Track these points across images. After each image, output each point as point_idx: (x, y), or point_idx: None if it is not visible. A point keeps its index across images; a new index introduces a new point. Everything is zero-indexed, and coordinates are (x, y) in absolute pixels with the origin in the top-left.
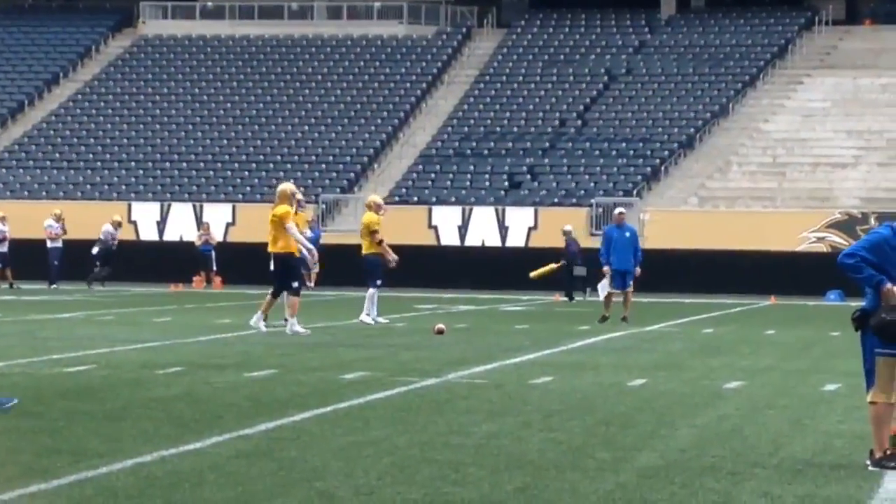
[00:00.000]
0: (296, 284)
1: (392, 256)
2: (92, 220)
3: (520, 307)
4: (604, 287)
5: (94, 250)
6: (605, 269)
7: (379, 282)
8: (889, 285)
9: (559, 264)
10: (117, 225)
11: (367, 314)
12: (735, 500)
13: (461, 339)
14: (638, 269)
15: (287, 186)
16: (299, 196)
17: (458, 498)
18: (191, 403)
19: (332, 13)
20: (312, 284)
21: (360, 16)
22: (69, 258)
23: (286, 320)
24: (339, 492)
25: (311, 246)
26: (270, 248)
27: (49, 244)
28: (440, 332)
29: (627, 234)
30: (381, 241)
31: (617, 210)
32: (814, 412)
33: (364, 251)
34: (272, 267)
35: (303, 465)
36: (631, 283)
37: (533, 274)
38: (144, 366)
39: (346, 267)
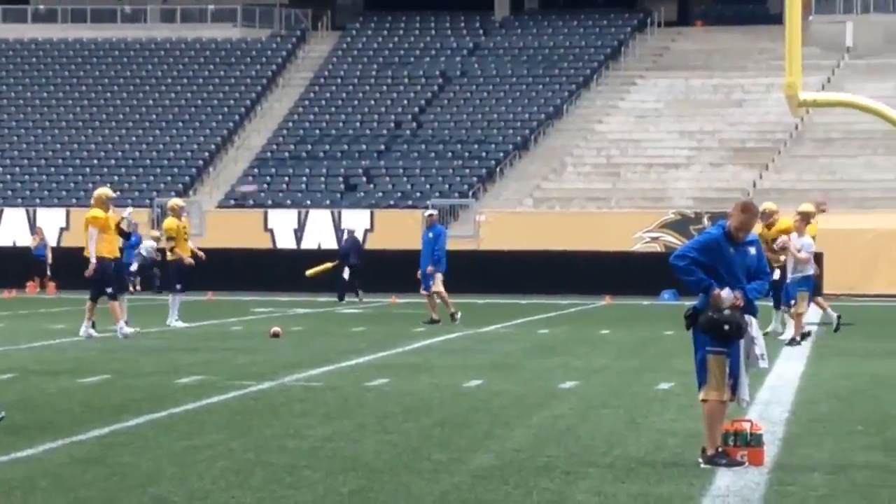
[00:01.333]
0: (110, 290)
1: (187, 260)
2: None
3: (356, 310)
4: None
5: (133, 267)
6: (419, 273)
7: (179, 286)
8: (717, 290)
9: (334, 264)
10: (157, 239)
11: (177, 319)
12: (569, 499)
13: (297, 342)
14: (430, 268)
15: (102, 191)
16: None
17: (293, 501)
18: (23, 410)
19: (166, 16)
20: (139, 288)
21: (193, 19)
22: None
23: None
24: (173, 497)
25: (92, 259)
26: (86, 253)
27: None
28: (276, 335)
29: (430, 235)
30: (172, 248)
31: (426, 213)
32: (647, 411)
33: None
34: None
35: (136, 471)
36: (431, 283)
37: (308, 272)
38: None
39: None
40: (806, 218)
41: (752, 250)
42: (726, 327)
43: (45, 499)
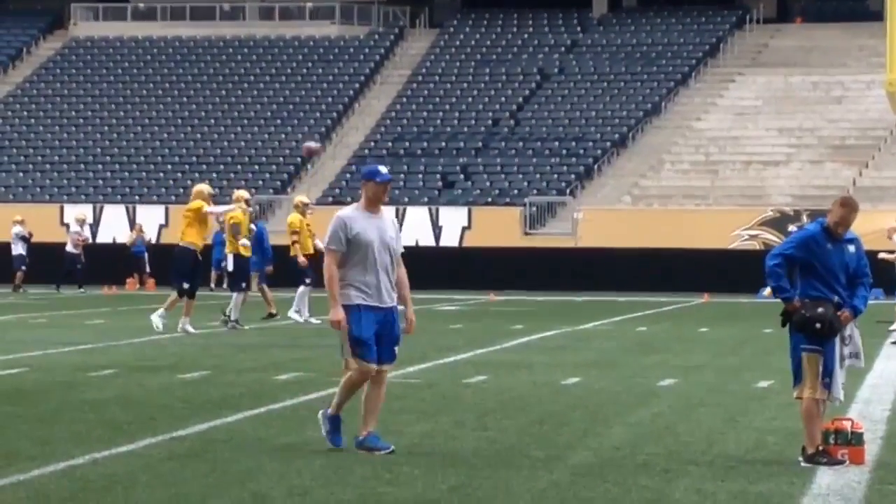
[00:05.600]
0: (186, 285)
1: (300, 260)
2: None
3: (454, 307)
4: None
5: None
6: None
7: (308, 280)
8: (795, 302)
9: None
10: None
11: (297, 311)
12: (668, 497)
13: None
14: (269, 268)
15: (203, 187)
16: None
17: (392, 497)
18: (124, 405)
19: (265, 14)
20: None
21: (292, 16)
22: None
23: (227, 317)
24: (272, 493)
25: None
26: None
27: None
28: None
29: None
30: (294, 243)
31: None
32: (746, 409)
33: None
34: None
35: (236, 467)
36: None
37: None
38: (77, 368)
39: (279, 267)
40: None
41: (852, 248)
42: (818, 325)
43: (145, 494)
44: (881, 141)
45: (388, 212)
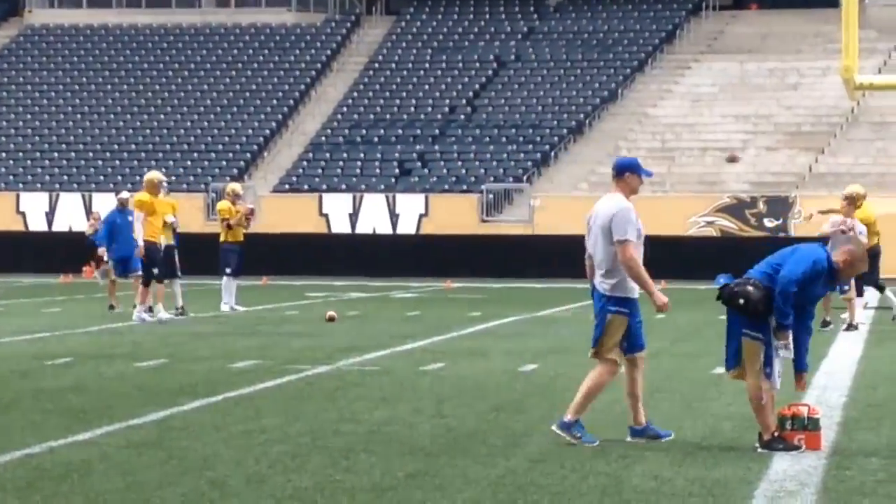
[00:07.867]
0: (156, 271)
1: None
2: None
3: (411, 294)
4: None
5: None
6: (101, 250)
7: (228, 269)
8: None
9: None
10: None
11: (226, 303)
12: (625, 483)
13: (353, 326)
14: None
15: (152, 175)
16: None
17: (350, 485)
18: (80, 394)
19: (221, 1)
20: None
21: (248, 3)
22: None
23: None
24: (230, 480)
25: (140, 241)
26: (135, 236)
27: None
28: (331, 319)
29: (130, 219)
30: (229, 226)
31: (121, 195)
32: (703, 395)
33: (220, 239)
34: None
35: (193, 455)
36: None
37: None
38: (34, 357)
39: (210, 256)
40: (853, 201)
41: None
42: (741, 301)
43: (102, 482)
44: (837, 127)
45: None
